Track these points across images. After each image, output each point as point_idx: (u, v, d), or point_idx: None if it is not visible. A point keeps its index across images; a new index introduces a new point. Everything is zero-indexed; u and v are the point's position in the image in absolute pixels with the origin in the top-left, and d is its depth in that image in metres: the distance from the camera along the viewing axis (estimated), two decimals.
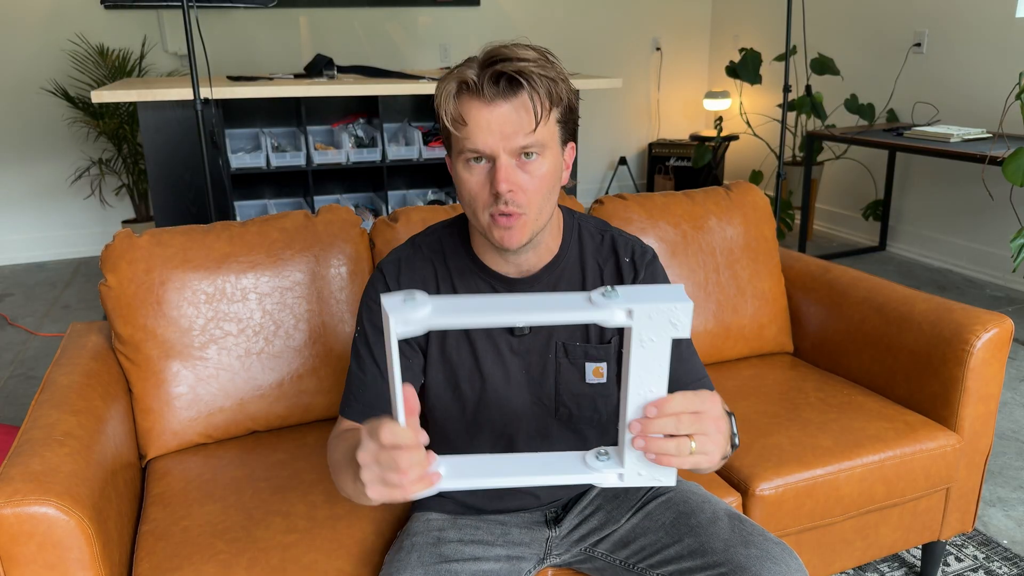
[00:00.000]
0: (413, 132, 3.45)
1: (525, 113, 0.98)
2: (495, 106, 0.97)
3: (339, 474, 1.01)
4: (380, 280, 1.15)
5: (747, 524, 1.11)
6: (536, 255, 1.11)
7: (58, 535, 1.02)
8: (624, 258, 1.17)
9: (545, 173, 1.01)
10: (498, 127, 0.97)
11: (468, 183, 1.01)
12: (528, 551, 1.19)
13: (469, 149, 0.99)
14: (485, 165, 1.00)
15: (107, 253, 1.48)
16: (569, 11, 5.07)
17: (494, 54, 0.98)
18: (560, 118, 1.02)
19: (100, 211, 4.41)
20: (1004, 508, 2.03)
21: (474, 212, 1.03)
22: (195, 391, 1.49)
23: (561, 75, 1.01)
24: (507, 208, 0.99)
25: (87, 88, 4.14)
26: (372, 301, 1.14)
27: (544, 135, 1.00)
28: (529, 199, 1.01)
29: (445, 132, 1.03)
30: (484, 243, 1.11)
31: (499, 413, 1.16)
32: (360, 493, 0.85)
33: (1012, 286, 3.68)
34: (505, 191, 0.98)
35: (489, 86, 0.96)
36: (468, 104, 0.98)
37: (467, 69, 0.98)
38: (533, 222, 1.03)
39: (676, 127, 5.61)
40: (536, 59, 0.98)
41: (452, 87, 0.99)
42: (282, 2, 4.40)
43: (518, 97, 0.97)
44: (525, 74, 0.97)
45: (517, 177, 1.00)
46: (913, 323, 1.65)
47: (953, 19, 3.80)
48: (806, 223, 4.09)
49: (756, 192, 1.94)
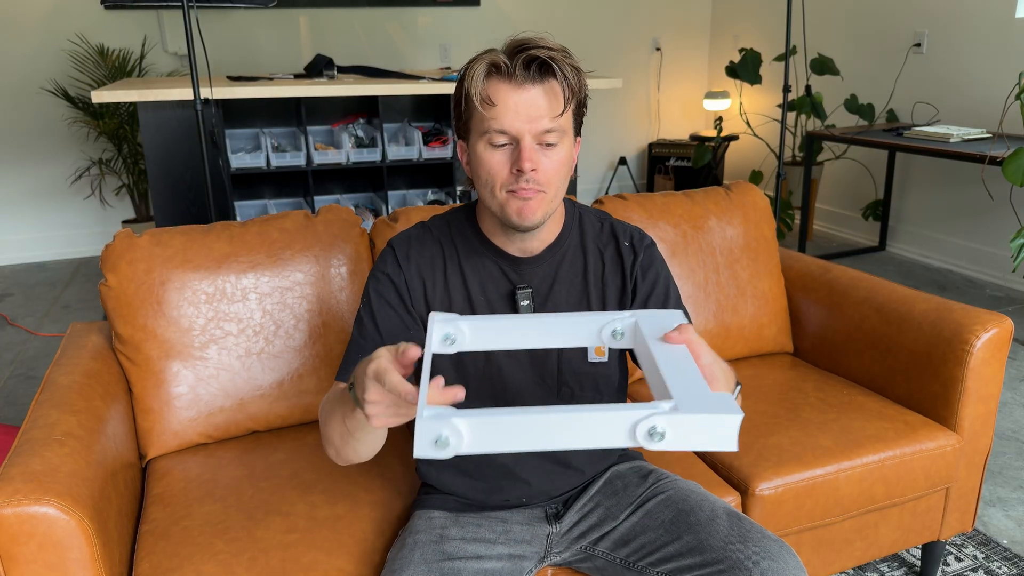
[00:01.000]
0: (413, 132, 3.45)
1: (553, 98, 1.03)
2: (524, 89, 1.02)
3: (327, 425, 1.05)
4: (390, 254, 1.19)
5: (745, 522, 1.11)
6: (540, 239, 1.16)
7: (58, 535, 1.03)
8: (624, 242, 1.22)
9: (563, 158, 1.07)
10: (525, 110, 1.02)
11: (488, 162, 1.05)
12: (529, 549, 1.19)
13: (495, 129, 1.03)
14: (507, 147, 1.04)
15: (107, 253, 1.48)
16: (569, 11, 5.07)
17: (524, 41, 1.03)
18: (575, 110, 1.08)
19: (100, 211, 4.41)
20: (1004, 508, 2.03)
21: (491, 190, 1.07)
22: (195, 391, 1.49)
23: (581, 70, 1.06)
24: (528, 186, 1.04)
25: (87, 88, 4.14)
26: (379, 271, 1.18)
27: (565, 122, 1.06)
28: (548, 179, 1.06)
29: (467, 114, 1.06)
30: (492, 224, 1.15)
31: (502, 391, 1.18)
32: (353, 430, 0.93)
33: (1012, 286, 3.68)
34: (528, 170, 1.03)
35: (521, 69, 1.01)
36: (498, 86, 1.02)
37: (495, 54, 1.03)
38: (550, 202, 1.08)
39: (676, 127, 5.61)
40: (562, 50, 1.04)
41: (482, 68, 1.03)
42: (282, 2, 4.40)
43: (547, 82, 1.03)
44: (556, 61, 1.02)
45: (539, 158, 1.04)
46: (913, 323, 1.65)
47: (953, 19, 3.80)
48: (806, 223, 4.09)
49: (756, 192, 1.94)
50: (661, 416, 0.68)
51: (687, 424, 0.68)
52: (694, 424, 0.68)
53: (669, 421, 0.68)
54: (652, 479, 1.23)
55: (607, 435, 0.69)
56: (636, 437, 0.69)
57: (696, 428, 0.69)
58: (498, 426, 0.69)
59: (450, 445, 0.68)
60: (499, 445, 0.70)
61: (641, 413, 0.68)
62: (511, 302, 1.16)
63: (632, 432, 0.69)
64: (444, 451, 0.69)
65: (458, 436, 0.68)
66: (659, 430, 0.68)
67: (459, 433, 0.68)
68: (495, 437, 0.69)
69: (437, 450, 0.69)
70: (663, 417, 0.68)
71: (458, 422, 0.68)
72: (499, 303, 1.16)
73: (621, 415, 0.68)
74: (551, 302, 1.17)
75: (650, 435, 0.68)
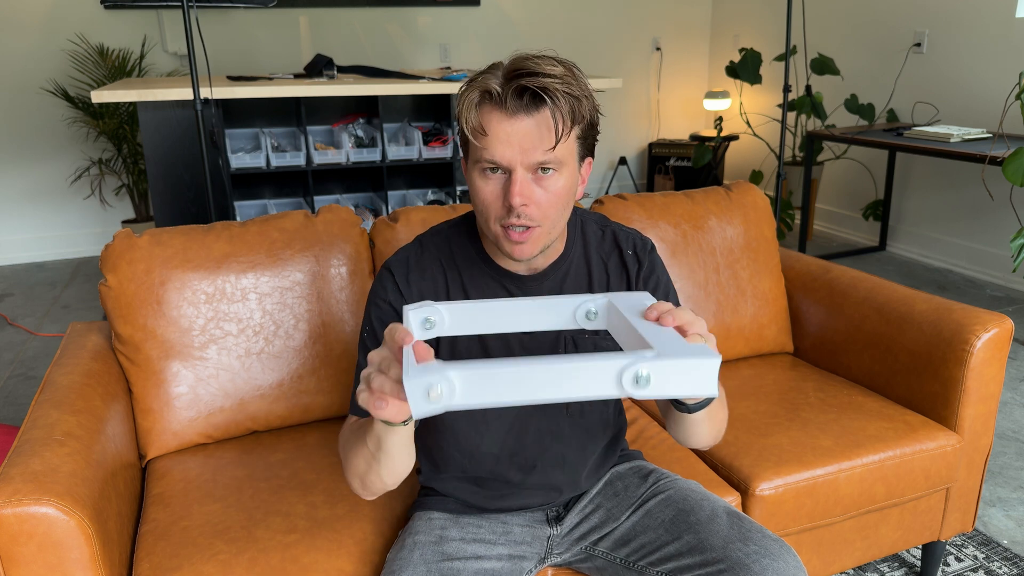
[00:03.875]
0: (413, 132, 3.45)
1: (546, 130, 0.97)
2: (517, 120, 0.97)
3: (349, 455, 1.02)
4: (389, 280, 1.14)
5: (746, 521, 1.11)
6: (544, 256, 1.12)
7: (58, 535, 1.02)
8: (627, 251, 1.19)
9: (560, 188, 1.01)
10: (518, 141, 0.97)
11: (482, 192, 1.01)
12: (530, 550, 1.19)
13: (487, 160, 0.99)
14: (501, 176, 1.00)
15: (107, 253, 1.48)
16: (569, 11, 5.07)
17: (520, 67, 0.97)
18: (580, 135, 1.02)
19: (100, 211, 4.41)
20: (1004, 508, 2.03)
21: (486, 220, 1.03)
22: (195, 391, 1.49)
23: (585, 92, 1.00)
24: (519, 221, 1.00)
25: (87, 88, 4.14)
26: (380, 299, 1.14)
27: (562, 152, 0.99)
28: (543, 213, 1.01)
29: (463, 138, 1.03)
30: (493, 244, 1.12)
31: (508, 407, 1.16)
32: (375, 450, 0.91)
33: (1012, 286, 3.68)
34: (519, 205, 0.98)
35: (512, 99, 0.96)
36: (490, 115, 0.97)
37: (491, 79, 0.97)
38: (546, 235, 1.04)
39: (676, 127, 5.61)
40: (562, 75, 0.97)
41: (475, 96, 0.98)
42: (282, 2, 4.40)
43: (540, 113, 0.97)
44: (550, 91, 0.96)
45: (532, 191, 0.99)
46: (913, 323, 1.65)
47: (953, 19, 3.80)
48: (806, 223, 4.09)
49: (756, 192, 1.94)
50: (645, 362, 0.70)
51: (668, 369, 0.71)
52: (675, 369, 0.71)
53: (652, 367, 0.70)
54: (652, 479, 1.23)
55: (596, 385, 0.71)
56: (623, 385, 0.71)
57: (677, 373, 0.71)
58: (490, 377, 0.70)
59: (443, 397, 0.69)
60: (491, 397, 0.71)
61: (627, 360, 0.70)
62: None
63: (619, 380, 0.71)
64: (437, 404, 0.69)
65: (450, 387, 0.69)
66: (644, 375, 0.70)
67: (451, 384, 0.69)
68: (487, 388, 0.70)
69: (430, 404, 0.69)
70: (647, 363, 0.70)
71: (450, 373, 0.69)
72: None
73: (609, 363, 0.70)
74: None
75: (636, 382, 0.70)
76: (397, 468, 0.98)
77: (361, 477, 1.00)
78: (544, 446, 1.17)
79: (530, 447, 1.17)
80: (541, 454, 1.17)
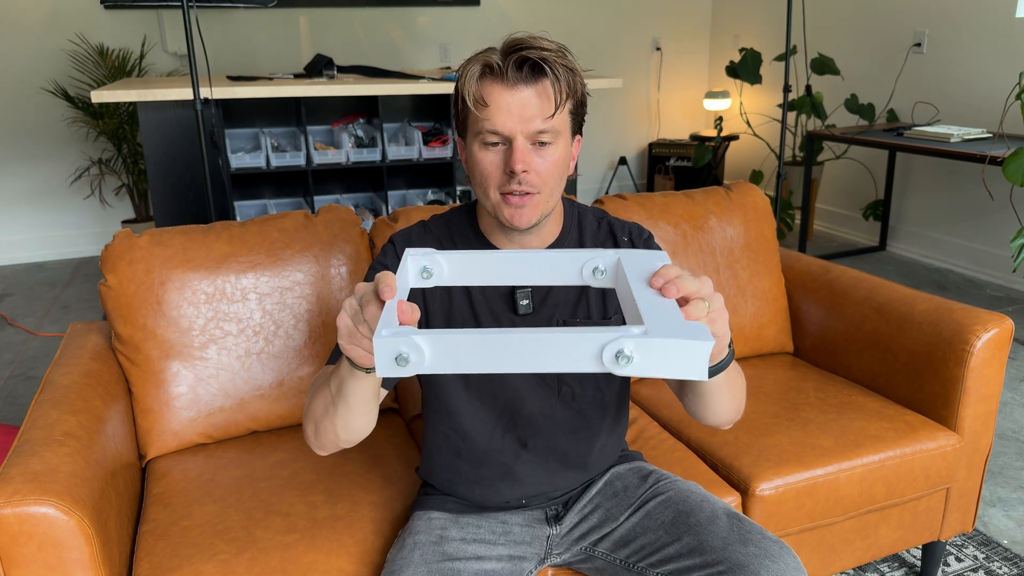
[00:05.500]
0: (413, 132, 3.45)
1: (545, 99, 1.03)
2: (517, 90, 1.02)
3: (312, 399, 1.04)
4: (391, 249, 1.20)
5: (745, 523, 1.11)
6: (540, 238, 1.16)
7: (58, 535, 1.02)
8: (623, 238, 1.22)
9: (557, 158, 1.06)
10: (518, 110, 1.02)
11: (482, 163, 1.06)
12: (529, 550, 1.19)
13: (488, 130, 1.03)
14: (501, 147, 1.05)
15: (107, 253, 1.48)
16: (569, 11, 5.07)
17: (518, 42, 1.03)
18: (572, 110, 1.08)
19: (100, 211, 4.41)
20: (1004, 508, 2.03)
21: (485, 191, 1.08)
22: (195, 391, 1.49)
23: (577, 70, 1.06)
24: (520, 187, 1.04)
25: (87, 88, 4.14)
26: (379, 263, 1.18)
27: (559, 122, 1.05)
28: (543, 180, 1.06)
29: (463, 114, 1.07)
30: (491, 224, 1.15)
31: (502, 391, 1.18)
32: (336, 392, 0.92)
33: (1012, 286, 3.68)
34: (520, 171, 1.03)
35: (513, 70, 1.02)
36: (491, 86, 1.03)
37: (491, 54, 1.03)
38: (544, 203, 1.08)
39: (676, 127, 5.61)
40: (556, 50, 1.04)
41: (476, 69, 1.03)
42: (282, 2, 4.40)
43: (540, 83, 1.03)
44: (548, 62, 1.02)
45: (532, 159, 1.04)
46: (913, 323, 1.65)
47: (953, 19, 3.80)
48: (806, 223, 4.09)
49: (756, 192, 1.94)
50: (629, 339, 0.65)
51: (655, 349, 0.65)
52: (662, 349, 0.65)
53: (637, 345, 0.65)
54: (652, 480, 1.23)
55: (572, 358, 0.67)
56: (603, 361, 0.66)
57: (664, 354, 0.66)
58: (460, 344, 0.67)
59: (411, 362, 0.67)
60: (461, 364, 0.68)
61: (609, 336, 0.65)
62: (510, 302, 1.16)
63: (599, 356, 0.66)
64: (404, 368, 0.67)
65: (419, 353, 0.67)
66: (626, 353, 0.65)
67: (420, 350, 0.67)
68: (457, 355, 0.67)
69: (397, 368, 0.67)
70: (631, 340, 0.65)
71: (418, 339, 0.67)
72: (498, 303, 1.16)
73: (587, 336, 0.66)
74: (550, 302, 1.17)
75: (616, 359, 0.65)
76: (352, 423, 0.99)
77: (316, 422, 1.02)
78: (536, 427, 1.19)
79: (522, 427, 1.19)
80: (533, 435, 1.19)
